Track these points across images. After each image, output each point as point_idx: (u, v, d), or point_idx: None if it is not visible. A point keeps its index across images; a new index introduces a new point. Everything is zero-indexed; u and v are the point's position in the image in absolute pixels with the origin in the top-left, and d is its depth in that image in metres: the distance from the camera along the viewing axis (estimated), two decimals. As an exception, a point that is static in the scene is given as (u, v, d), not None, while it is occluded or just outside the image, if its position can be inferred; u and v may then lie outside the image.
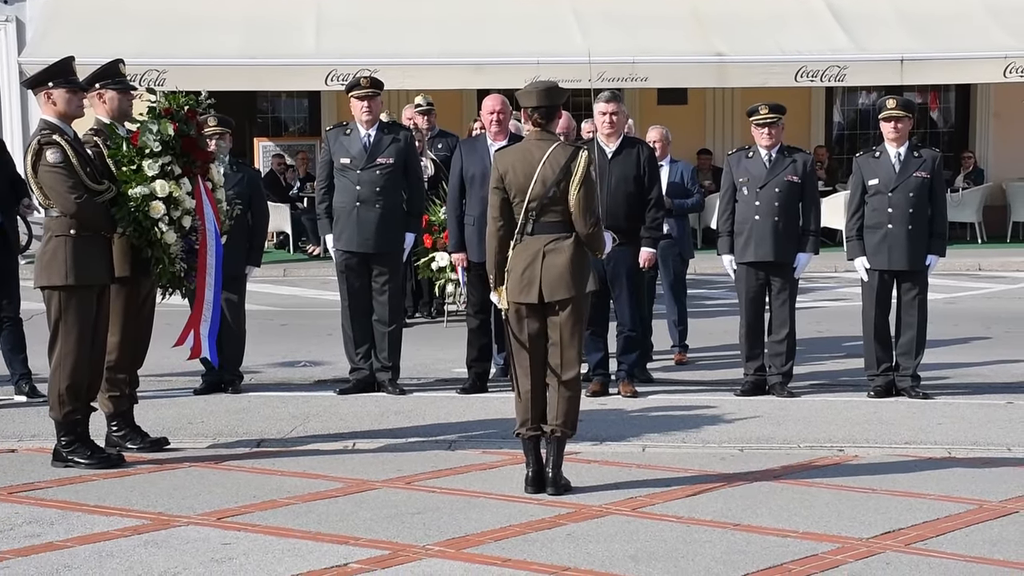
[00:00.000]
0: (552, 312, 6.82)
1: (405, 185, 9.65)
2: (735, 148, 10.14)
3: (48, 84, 7.35)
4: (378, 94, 9.62)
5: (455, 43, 18.19)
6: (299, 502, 6.65)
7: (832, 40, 18.67)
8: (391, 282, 9.57)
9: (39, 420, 8.37)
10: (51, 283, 7.30)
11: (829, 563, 5.70)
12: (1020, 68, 18.14)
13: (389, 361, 9.58)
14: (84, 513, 6.47)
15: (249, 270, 9.82)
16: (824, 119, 21.82)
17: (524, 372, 6.85)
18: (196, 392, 9.58)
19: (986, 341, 11.97)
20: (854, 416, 8.83)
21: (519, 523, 6.27)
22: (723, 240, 9.70)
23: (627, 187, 9.36)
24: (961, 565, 5.69)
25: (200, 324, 7.71)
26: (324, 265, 16.17)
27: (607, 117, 9.38)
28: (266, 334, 12.07)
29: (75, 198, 7.20)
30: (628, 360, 9.57)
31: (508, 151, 7.03)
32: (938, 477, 7.20)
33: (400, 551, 5.86)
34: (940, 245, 9.50)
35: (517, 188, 6.79)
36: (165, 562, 5.72)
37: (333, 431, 8.38)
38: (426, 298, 13.46)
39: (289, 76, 18.28)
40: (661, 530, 6.19)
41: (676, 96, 20.43)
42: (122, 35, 17.65)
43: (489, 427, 8.42)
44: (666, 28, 18.80)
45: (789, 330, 9.53)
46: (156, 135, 7.40)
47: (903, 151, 9.42)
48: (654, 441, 8.09)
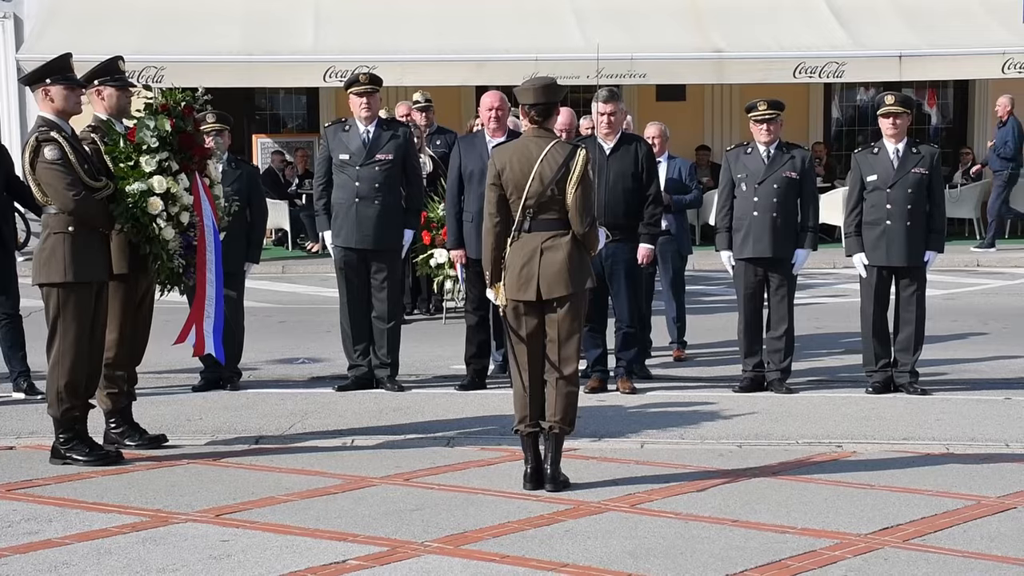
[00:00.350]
0: (550, 309, 6.83)
1: (404, 182, 9.65)
2: (734, 144, 10.14)
3: (46, 81, 7.35)
4: (377, 90, 9.62)
5: (453, 39, 18.19)
6: (297, 499, 6.66)
7: (831, 36, 18.67)
8: (390, 279, 9.57)
9: (37, 417, 8.37)
10: (49, 280, 7.30)
11: (827, 559, 5.70)
12: (1018, 64, 18.14)
13: (388, 358, 9.58)
14: (82, 510, 6.47)
15: (248, 267, 9.83)
16: (823, 115, 21.80)
17: (522, 368, 6.86)
18: (194, 389, 9.58)
19: (984, 337, 11.98)
20: (852, 412, 8.84)
21: (517, 520, 6.28)
22: (721, 236, 9.70)
23: (625, 183, 9.36)
24: (959, 561, 5.69)
25: (204, 321, 7.70)
26: (323, 262, 16.17)
27: (605, 117, 9.38)
28: (265, 331, 12.07)
29: (73, 195, 7.20)
30: (627, 356, 9.57)
31: (505, 148, 7.03)
32: (936, 473, 7.20)
33: (398, 548, 5.86)
34: (938, 241, 9.50)
35: (514, 185, 6.79)
36: (163, 559, 5.72)
37: (331, 428, 8.38)
38: (425, 295, 13.46)
39: (287, 73, 18.27)
40: (659, 526, 6.19)
41: (675, 92, 20.42)
42: (120, 32, 17.64)
43: (488, 424, 8.42)
44: (665, 24, 18.79)
45: (787, 326, 9.53)
46: (153, 131, 7.40)
47: (902, 147, 9.42)
48: (652, 437, 8.09)
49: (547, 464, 6.84)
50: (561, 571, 5.56)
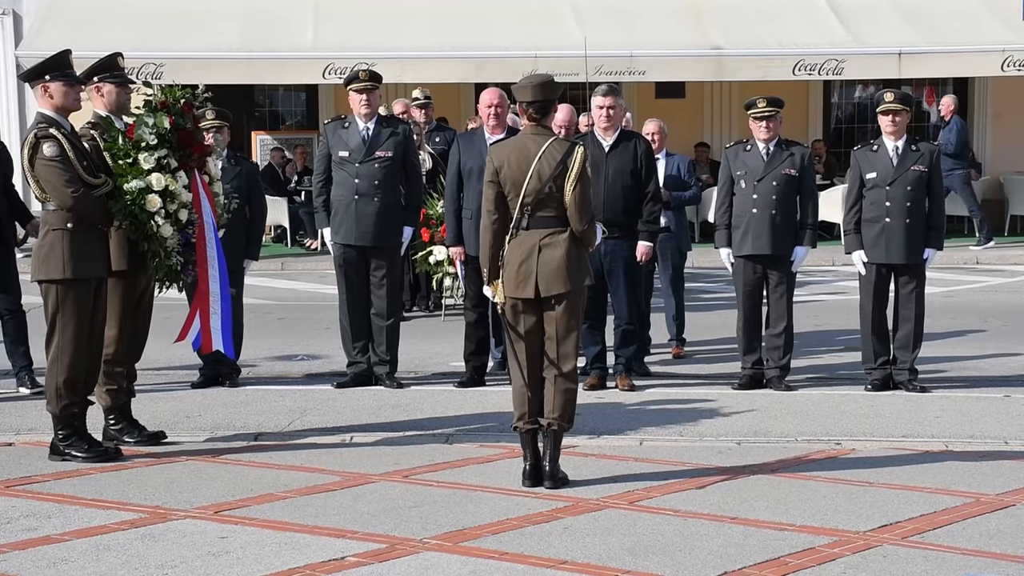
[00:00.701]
0: (548, 306, 6.83)
1: (403, 179, 9.65)
2: (733, 142, 10.14)
3: (45, 77, 7.35)
4: (377, 87, 9.62)
5: (453, 37, 18.18)
6: (296, 495, 6.66)
7: (830, 33, 18.66)
8: (389, 276, 9.57)
9: (36, 413, 8.37)
10: (48, 277, 7.30)
11: (826, 556, 5.70)
12: (1018, 62, 18.14)
13: (387, 355, 9.58)
14: (81, 506, 6.47)
15: (247, 264, 9.83)
16: (822, 113, 21.80)
17: (521, 366, 6.87)
18: (193, 386, 9.58)
19: (983, 334, 11.98)
20: (851, 409, 8.84)
21: (516, 517, 6.28)
22: (721, 233, 9.70)
23: (624, 180, 9.35)
24: (958, 558, 5.69)
25: (210, 318, 7.69)
26: (322, 259, 16.17)
27: (604, 111, 9.38)
28: (264, 328, 12.07)
29: (72, 192, 7.20)
30: (626, 354, 9.57)
31: (503, 145, 7.03)
32: (935, 470, 7.20)
33: (397, 544, 5.86)
34: (938, 239, 9.50)
35: (512, 183, 6.79)
36: (162, 555, 5.72)
37: (330, 425, 8.38)
38: (424, 292, 13.46)
39: (287, 69, 18.25)
40: (658, 523, 6.19)
41: (674, 90, 20.41)
42: (119, 28, 17.61)
43: (487, 421, 8.42)
44: (664, 22, 18.78)
45: (787, 323, 9.54)
46: (152, 128, 7.40)
47: (901, 145, 9.42)
48: (651, 435, 8.09)
49: (546, 461, 6.84)
50: (560, 568, 5.57)
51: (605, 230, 9.02)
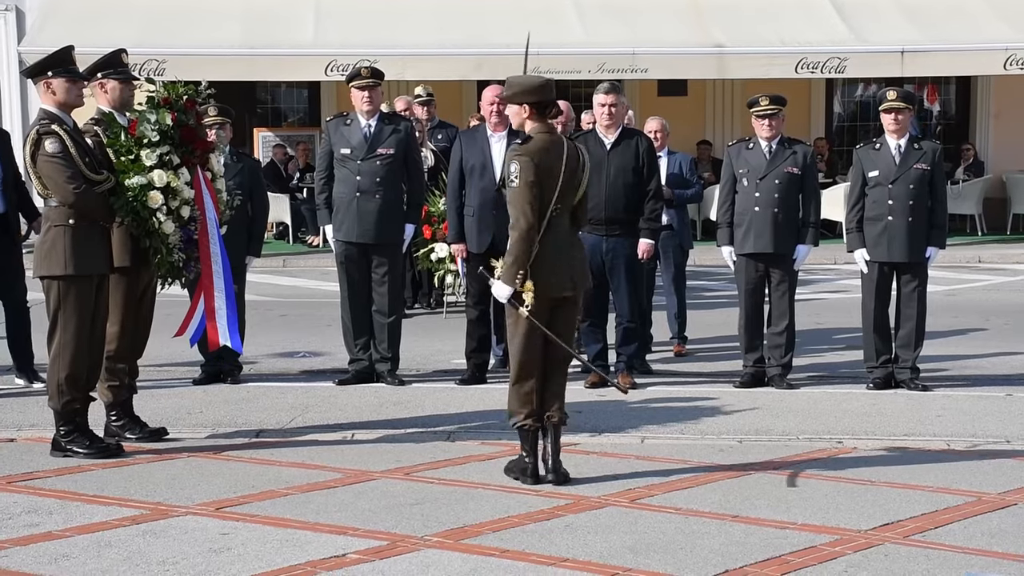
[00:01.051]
0: (564, 304, 6.85)
1: (405, 176, 9.64)
2: (735, 139, 10.13)
3: (47, 73, 7.34)
4: (379, 84, 9.62)
5: (455, 34, 18.18)
6: (297, 492, 6.66)
7: (832, 31, 18.66)
8: (391, 273, 9.57)
9: (38, 409, 8.37)
10: (50, 273, 7.29)
11: (827, 555, 5.70)
12: (1020, 60, 18.13)
13: (388, 352, 9.58)
14: (83, 503, 6.47)
15: (249, 260, 9.83)
16: (824, 111, 21.80)
17: (535, 365, 6.82)
18: (195, 382, 9.59)
19: (985, 333, 11.98)
20: (853, 408, 8.84)
21: (517, 514, 6.28)
22: (723, 231, 9.70)
23: (626, 178, 9.35)
24: (959, 557, 5.69)
25: (216, 314, 7.68)
26: (324, 256, 16.18)
27: (606, 108, 9.38)
28: (265, 325, 12.07)
29: (73, 188, 7.19)
30: (627, 351, 9.57)
31: (538, 149, 6.77)
32: (936, 469, 7.20)
33: (398, 542, 5.86)
34: (940, 237, 9.49)
35: (547, 187, 6.73)
36: (163, 552, 5.72)
37: (332, 422, 8.38)
38: (425, 289, 13.46)
39: (289, 66, 18.27)
40: (660, 521, 6.19)
41: (676, 87, 20.41)
42: (122, 25, 17.63)
43: (488, 418, 8.42)
44: (666, 19, 18.78)
45: (788, 322, 9.53)
46: (154, 125, 7.39)
47: (903, 143, 9.41)
48: (653, 432, 8.09)
49: (550, 457, 6.84)
50: (561, 566, 5.57)
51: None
